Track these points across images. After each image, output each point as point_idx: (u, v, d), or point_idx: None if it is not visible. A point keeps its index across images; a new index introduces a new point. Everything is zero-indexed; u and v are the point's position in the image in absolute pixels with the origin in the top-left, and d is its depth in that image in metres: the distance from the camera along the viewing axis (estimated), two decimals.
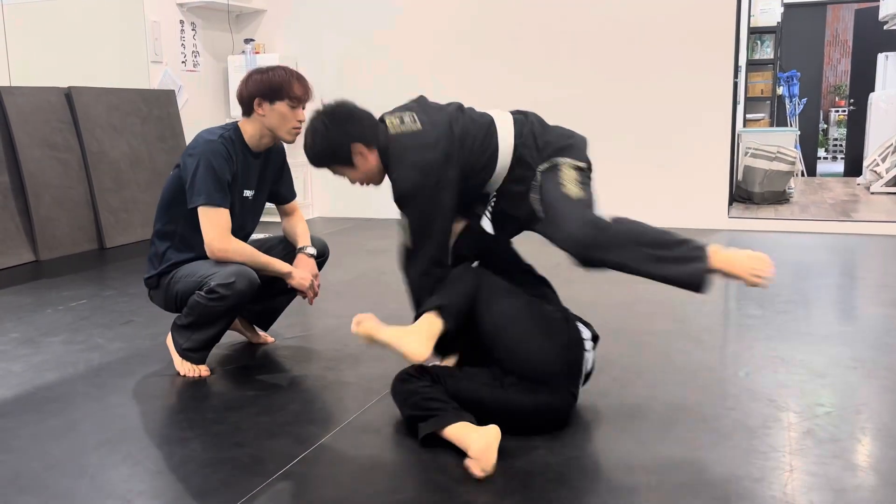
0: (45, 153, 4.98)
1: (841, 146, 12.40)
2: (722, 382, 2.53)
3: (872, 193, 7.35)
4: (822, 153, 12.43)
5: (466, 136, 2.18)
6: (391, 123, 2.21)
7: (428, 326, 2.03)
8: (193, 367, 2.62)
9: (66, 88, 5.22)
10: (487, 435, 1.88)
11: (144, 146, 5.66)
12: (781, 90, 9.37)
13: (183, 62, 6.20)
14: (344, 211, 6.56)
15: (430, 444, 1.98)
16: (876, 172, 7.57)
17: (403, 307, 2.36)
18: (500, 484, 1.82)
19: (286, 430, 2.17)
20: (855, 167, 9.51)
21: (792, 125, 9.25)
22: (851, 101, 10.41)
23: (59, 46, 5.77)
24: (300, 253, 2.72)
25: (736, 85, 5.74)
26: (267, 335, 3.00)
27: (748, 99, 8.51)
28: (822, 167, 11.34)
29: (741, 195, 6.78)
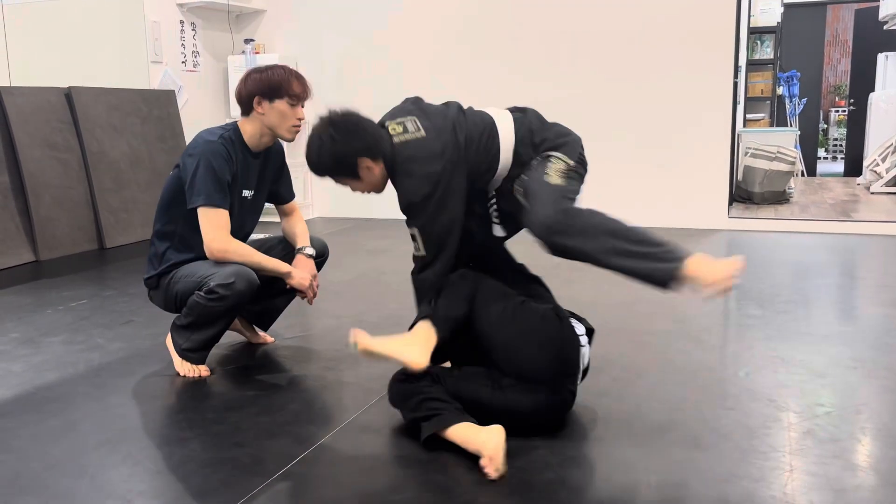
0: (45, 153, 4.98)
1: (841, 146, 12.40)
2: (722, 382, 2.53)
3: (872, 193, 7.35)
4: (822, 153, 12.43)
5: (471, 141, 2.17)
6: (394, 130, 2.17)
7: (425, 334, 2.04)
8: (193, 367, 2.62)
9: (66, 88, 5.22)
10: (497, 435, 1.88)
11: (144, 146, 5.66)
12: (781, 90, 9.37)
13: (183, 62, 6.21)
14: (344, 211, 6.56)
15: (431, 444, 1.98)
16: (876, 172, 7.57)
17: (403, 307, 2.36)
18: (500, 484, 1.82)
19: (286, 430, 2.18)
20: (855, 167, 9.51)
21: (792, 125, 9.24)
22: (851, 101, 10.41)
23: (59, 46, 5.77)
24: (299, 253, 2.72)
25: (736, 85, 5.74)
26: (266, 335, 3.00)
27: (748, 99, 8.51)
28: (822, 167, 11.35)
29: (741, 195, 6.78)
